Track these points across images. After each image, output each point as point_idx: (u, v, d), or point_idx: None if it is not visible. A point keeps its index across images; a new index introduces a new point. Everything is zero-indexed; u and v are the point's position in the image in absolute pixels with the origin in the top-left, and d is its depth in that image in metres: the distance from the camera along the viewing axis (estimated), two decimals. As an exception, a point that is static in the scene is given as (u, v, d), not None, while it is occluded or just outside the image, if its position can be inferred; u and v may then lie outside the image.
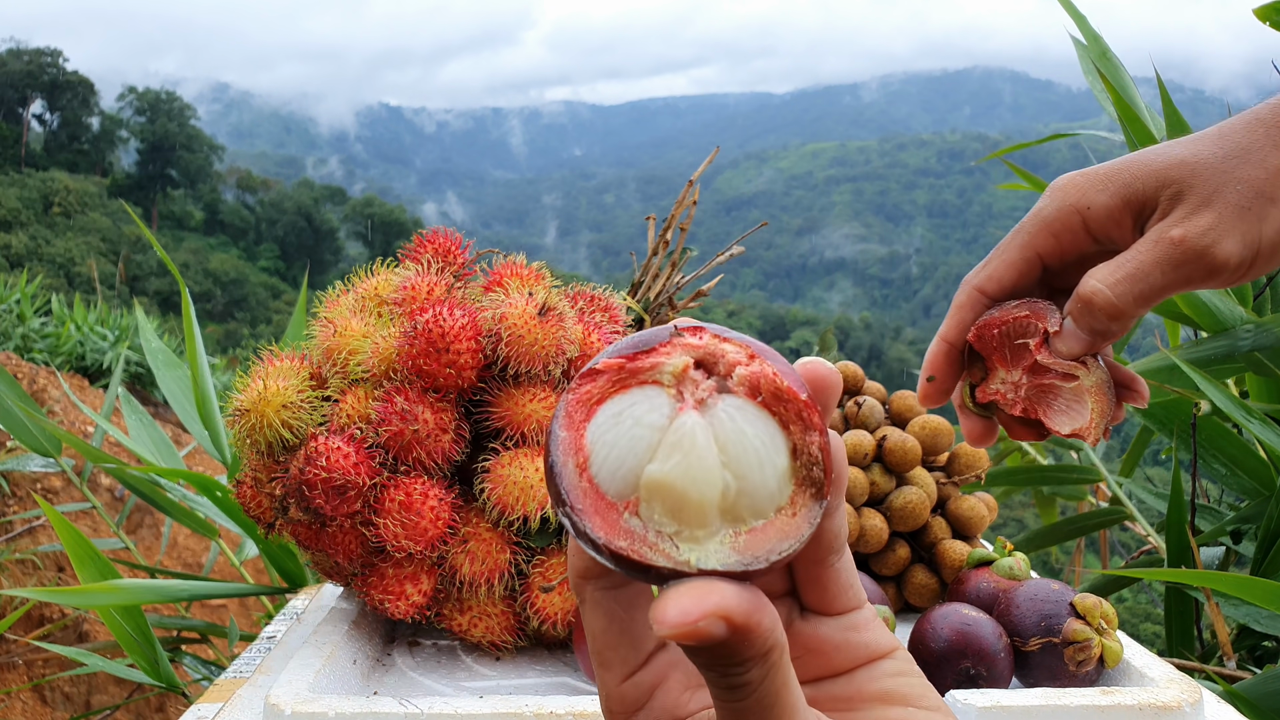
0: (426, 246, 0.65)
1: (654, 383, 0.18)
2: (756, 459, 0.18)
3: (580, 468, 0.18)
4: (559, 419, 0.18)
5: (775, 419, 0.18)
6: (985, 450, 0.67)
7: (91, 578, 0.73)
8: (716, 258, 0.80)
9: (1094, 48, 1.02)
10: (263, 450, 0.57)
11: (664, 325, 0.19)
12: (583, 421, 0.18)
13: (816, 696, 0.22)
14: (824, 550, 0.21)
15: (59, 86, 35.02)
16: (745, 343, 0.19)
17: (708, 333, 0.19)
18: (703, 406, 0.18)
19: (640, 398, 0.18)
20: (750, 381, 0.18)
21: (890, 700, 0.21)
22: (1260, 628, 0.72)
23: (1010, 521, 3.79)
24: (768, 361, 0.19)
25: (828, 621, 0.21)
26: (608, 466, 0.18)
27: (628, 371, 0.18)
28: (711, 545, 0.18)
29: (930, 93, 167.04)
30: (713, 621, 0.17)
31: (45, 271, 6.77)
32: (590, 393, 0.18)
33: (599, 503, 0.18)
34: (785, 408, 0.18)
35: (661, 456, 0.18)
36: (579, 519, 0.18)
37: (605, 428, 0.18)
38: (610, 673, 0.20)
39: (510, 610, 0.59)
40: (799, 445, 0.18)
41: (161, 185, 37.07)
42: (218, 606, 1.45)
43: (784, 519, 0.18)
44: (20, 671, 1.10)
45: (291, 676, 0.50)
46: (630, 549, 0.17)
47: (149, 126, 35.86)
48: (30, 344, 2.63)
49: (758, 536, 0.18)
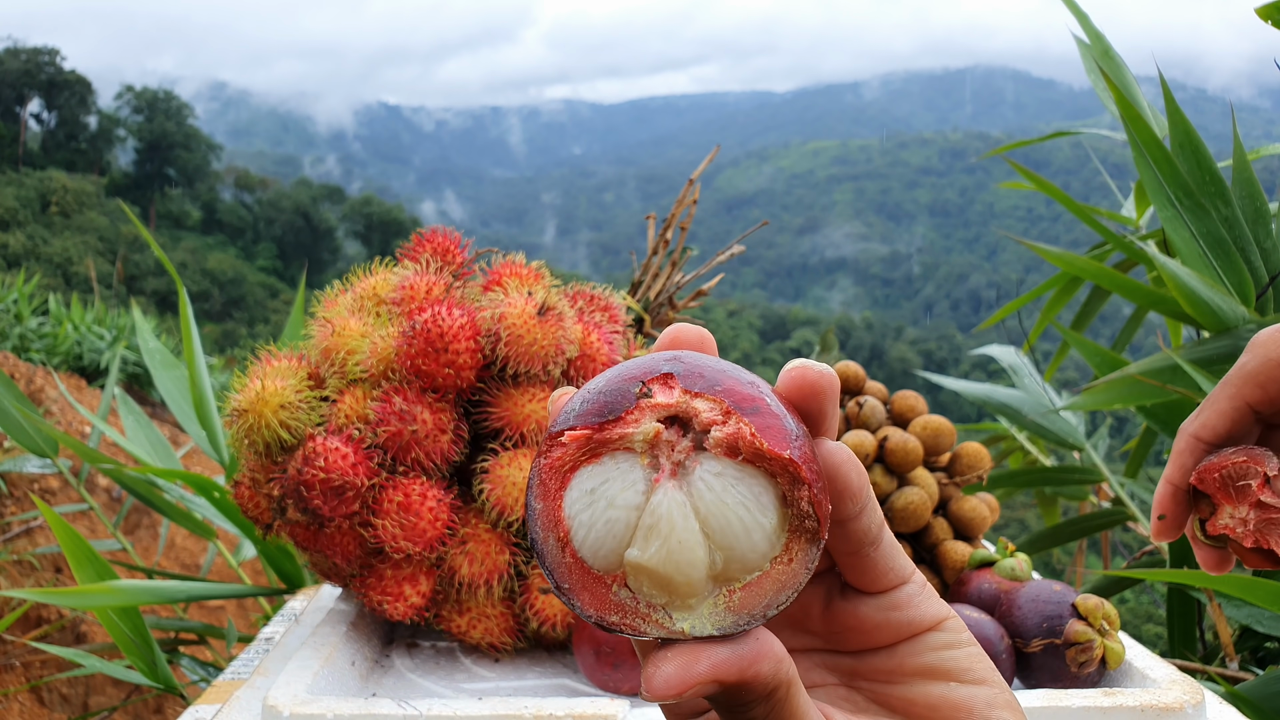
0: (425, 246, 0.65)
1: (626, 449, 0.18)
2: (742, 527, 0.17)
3: (562, 542, 0.18)
4: (533, 489, 0.18)
5: (760, 471, 0.18)
6: (987, 451, 0.67)
7: (89, 579, 0.73)
8: (717, 257, 0.79)
9: (1096, 46, 1.01)
10: (260, 451, 0.57)
11: (630, 376, 0.18)
12: (558, 491, 0.18)
13: (858, 667, 0.21)
14: (856, 544, 0.20)
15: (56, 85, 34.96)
16: (719, 393, 0.18)
17: (678, 385, 0.18)
18: (680, 472, 0.17)
19: (613, 472, 0.18)
20: (728, 444, 0.17)
21: (933, 675, 0.20)
22: (1262, 629, 0.71)
23: (1012, 522, 3.79)
24: (745, 419, 0.17)
25: (868, 600, 0.21)
26: (589, 544, 0.17)
27: (596, 441, 0.18)
28: (704, 609, 0.17)
29: (932, 91, 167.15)
30: (702, 689, 0.17)
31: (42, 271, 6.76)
32: (562, 459, 0.18)
33: (586, 578, 0.17)
34: (768, 464, 0.18)
35: (640, 542, 0.17)
36: (569, 598, 0.17)
37: (581, 504, 0.18)
38: None
39: (509, 612, 0.59)
40: (789, 495, 0.18)
41: (159, 184, 37.04)
42: (215, 608, 1.45)
43: (780, 568, 0.18)
44: (18, 673, 1.09)
45: (290, 678, 0.50)
46: (623, 623, 0.17)
47: (146, 125, 35.83)
48: (27, 344, 2.63)
49: (753, 592, 0.18)
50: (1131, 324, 1.18)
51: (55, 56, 37.24)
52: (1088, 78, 1.01)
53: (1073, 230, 29.64)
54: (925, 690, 0.20)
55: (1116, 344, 1.16)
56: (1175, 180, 0.82)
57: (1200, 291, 0.79)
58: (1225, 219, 0.83)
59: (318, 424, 0.56)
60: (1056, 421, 1.08)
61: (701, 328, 0.20)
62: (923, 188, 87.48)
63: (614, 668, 0.54)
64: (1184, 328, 1.08)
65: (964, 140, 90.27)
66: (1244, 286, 0.82)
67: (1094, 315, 1.18)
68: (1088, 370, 1.08)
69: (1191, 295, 0.79)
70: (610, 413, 0.18)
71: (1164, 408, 0.90)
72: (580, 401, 0.18)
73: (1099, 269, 0.97)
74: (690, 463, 0.18)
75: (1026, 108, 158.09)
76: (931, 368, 26.79)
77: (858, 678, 0.21)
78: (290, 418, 0.56)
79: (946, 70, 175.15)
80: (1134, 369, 0.82)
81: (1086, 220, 1.08)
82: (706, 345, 0.20)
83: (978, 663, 0.21)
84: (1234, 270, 0.83)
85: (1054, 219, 56.89)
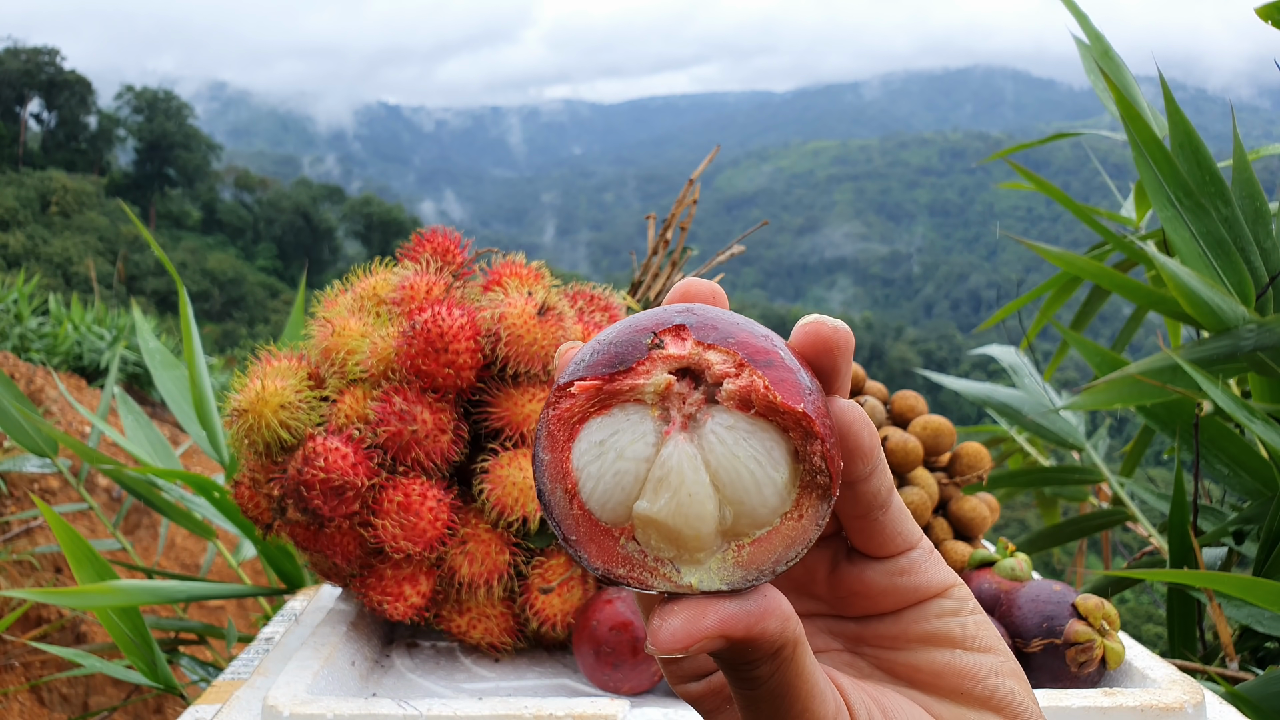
0: (425, 246, 0.64)
1: (636, 401, 0.17)
2: (753, 481, 0.17)
3: (569, 494, 0.17)
4: (541, 440, 0.17)
5: (773, 425, 0.17)
6: (987, 451, 0.67)
7: (89, 579, 0.73)
8: (717, 257, 0.79)
9: (1096, 46, 1.01)
10: (260, 451, 0.57)
11: (641, 326, 0.18)
12: (566, 442, 0.17)
13: (863, 633, 0.21)
14: (863, 508, 0.20)
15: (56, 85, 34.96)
16: (733, 345, 0.17)
17: (690, 337, 0.17)
18: (691, 425, 0.17)
19: (623, 424, 0.17)
20: (740, 396, 0.17)
21: (938, 642, 0.20)
22: (1263, 629, 0.71)
23: (1012, 522, 3.79)
24: (758, 372, 0.17)
25: (874, 565, 0.21)
26: (597, 496, 0.17)
27: (607, 393, 0.17)
28: (713, 564, 0.17)
29: (932, 91, 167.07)
30: (709, 644, 0.17)
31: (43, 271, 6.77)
32: (570, 410, 0.17)
33: (593, 530, 0.17)
34: (781, 418, 0.17)
35: (649, 494, 0.17)
36: (575, 550, 0.17)
37: (590, 456, 0.17)
38: None
39: (509, 612, 0.59)
40: (801, 450, 0.17)
41: (159, 184, 37.05)
42: (215, 608, 1.45)
43: (790, 524, 0.18)
44: (18, 673, 1.09)
45: (289, 678, 0.50)
46: (629, 576, 0.17)
47: (146, 125, 35.83)
48: (28, 344, 2.62)
49: (762, 547, 0.17)
50: (1131, 324, 1.18)
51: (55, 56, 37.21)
52: (1088, 78, 1.01)
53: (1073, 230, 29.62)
54: (930, 657, 0.20)
55: (1116, 344, 1.16)
56: (1175, 180, 0.82)
57: (1200, 291, 0.79)
58: (1225, 219, 0.83)
59: (318, 424, 0.56)
60: (1056, 421, 1.08)
61: (714, 283, 0.20)
62: (923, 187, 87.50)
63: (614, 668, 0.54)
64: (1184, 328, 1.08)
65: (964, 140, 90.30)
66: (1244, 286, 0.82)
67: (1094, 315, 1.18)
68: (1088, 370, 1.08)
69: (1191, 295, 0.79)
70: (621, 364, 0.17)
71: (1164, 408, 0.90)
72: (590, 352, 0.18)
73: (1099, 269, 0.97)
74: (702, 415, 0.17)
75: (1026, 108, 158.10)
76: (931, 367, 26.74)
77: (862, 644, 0.21)
78: (290, 418, 0.56)
79: (946, 70, 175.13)
80: (1134, 369, 0.82)
81: (1086, 220, 1.08)
82: (719, 299, 0.19)
83: (984, 630, 0.20)
84: (1234, 270, 0.83)
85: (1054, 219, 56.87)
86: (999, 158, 1.16)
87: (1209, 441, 0.81)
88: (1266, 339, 0.78)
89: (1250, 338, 0.78)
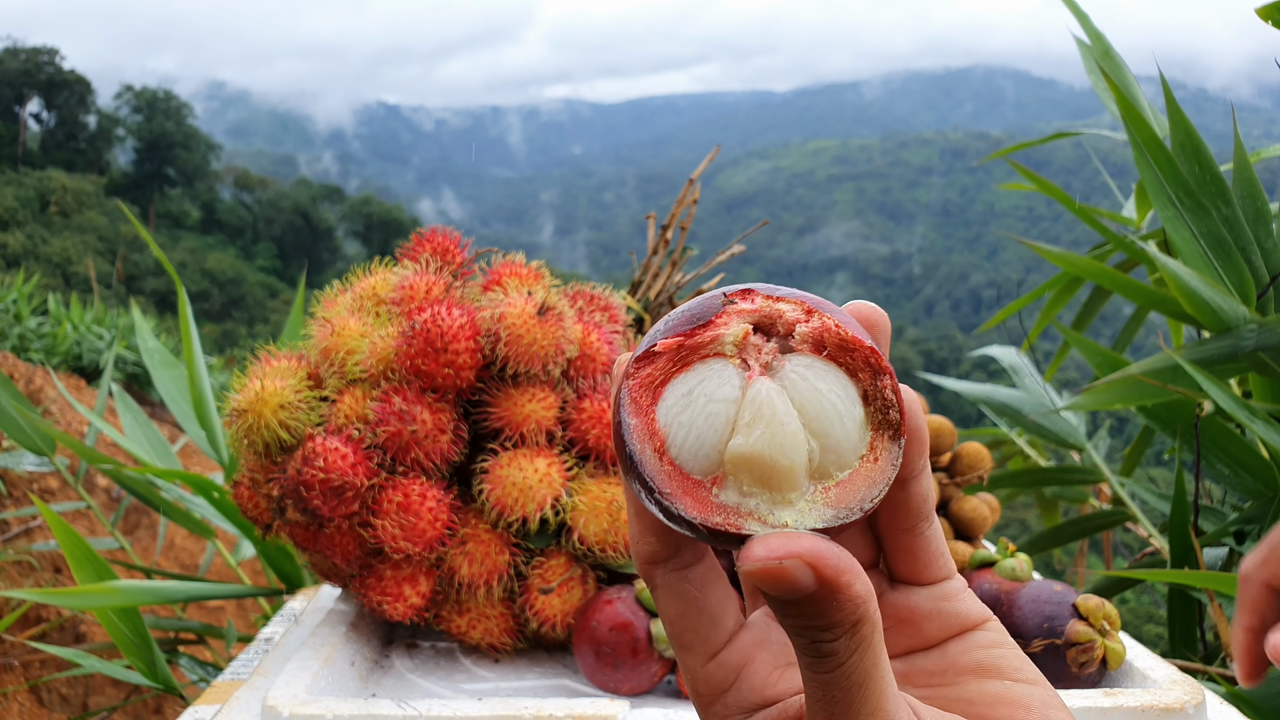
0: (425, 245, 0.64)
1: (716, 355, 0.18)
2: (835, 414, 0.18)
3: (659, 452, 0.18)
4: (625, 407, 0.18)
5: (844, 369, 0.18)
6: (988, 451, 0.67)
7: (88, 579, 0.72)
8: (717, 256, 0.79)
9: (1096, 46, 1.01)
10: (260, 451, 0.57)
11: (712, 294, 0.19)
12: (650, 405, 0.18)
13: (908, 671, 0.21)
14: (913, 517, 0.20)
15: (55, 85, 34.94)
16: (799, 298, 0.19)
17: (758, 293, 0.19)
18: (770, 371, 0.18)
19: (707, 373, 0.18)
20: (814, 337, 0.18)
21: (986, 673, 0.20)
22: (1263, 629, 0.71)
23: (1013, 523, 3.79)
24: (827, 314, 0.18)
25: (919, 591, 0.21)
26: (688, 446, 0.18)
27: (687, 349, 0.18)
28: (803, 505, 0.18)
29: (932, 91, 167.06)
30: (798, 565, 0.16)
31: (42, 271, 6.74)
32: (652, 375, 0.18)
33: (685, 483, 0.18)
34: (852, 357, 0.18)
35: (743, 430, 0.18)
36: (670, 503, 0.17)
37: (678, 409, 0.18)
38: (692, 655, 0.20)
39: (509, 612, 0.58)
40: (870, 391, 0.18)
41: (158, 184, 37.04)
42: (215, 608, 1.45)
43: (868, 466, 0.18)
44: (17, 672, 1.09)
45: (289, 678, 0.50)
46: (726, 523, 0.17)
47: (146, 125, 35.81)
48: (27, 343, 2.62)
49: (846, 488, 0.18)
50: (1132, 324, 1.18)
51: (54, 56, 37.18)
52: (1088, 78, 1.01)
53: (1073, 230, 29.66)
54: (981, 688, 0.20)
55: (1117, 344, 1.16)
56: (1176, 180, 0.82)
57: (1201, 291, 0.79)
58: (1226, 219, 0.83)
59: (317, 424, 0.56)
60: (1057, 422, 1.08)
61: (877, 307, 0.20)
62: (923, 187, 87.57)
63: (614, 668, 0.54)
64: (1185, 328, 1.08)
65: (964, 140, 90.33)
66: (1245, 286, 0.82)
67: (1094, 315, 1.17)
68: (1088, 370, 1.08)
69: (1192, 295, 0.79)
70: (698, 321, 0.18)
71: (1164, 408, 0.90)
72: (664, 322, 0.19)
73: (1100, 269, 0.97)
74: (778, 363, 0.18)
75: (1027, 107, 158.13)
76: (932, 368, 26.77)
77: (907, 682, 0.21)
78: (290, 418, 0.56)
79: (947, 70, 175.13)
80: (1135, 369, 0.82)
81: (1087, 220, 1.08)
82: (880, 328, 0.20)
83: (1027, 664, 0.20)
84: (1235, 270, 0.82)
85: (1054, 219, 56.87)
86: (999, 157, 1.16)
87: (1210, 442, 0.81)
88: (1267, 339, 0.78)
89: (1251, 338, 0.78)
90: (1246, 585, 0.31)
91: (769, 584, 0.17)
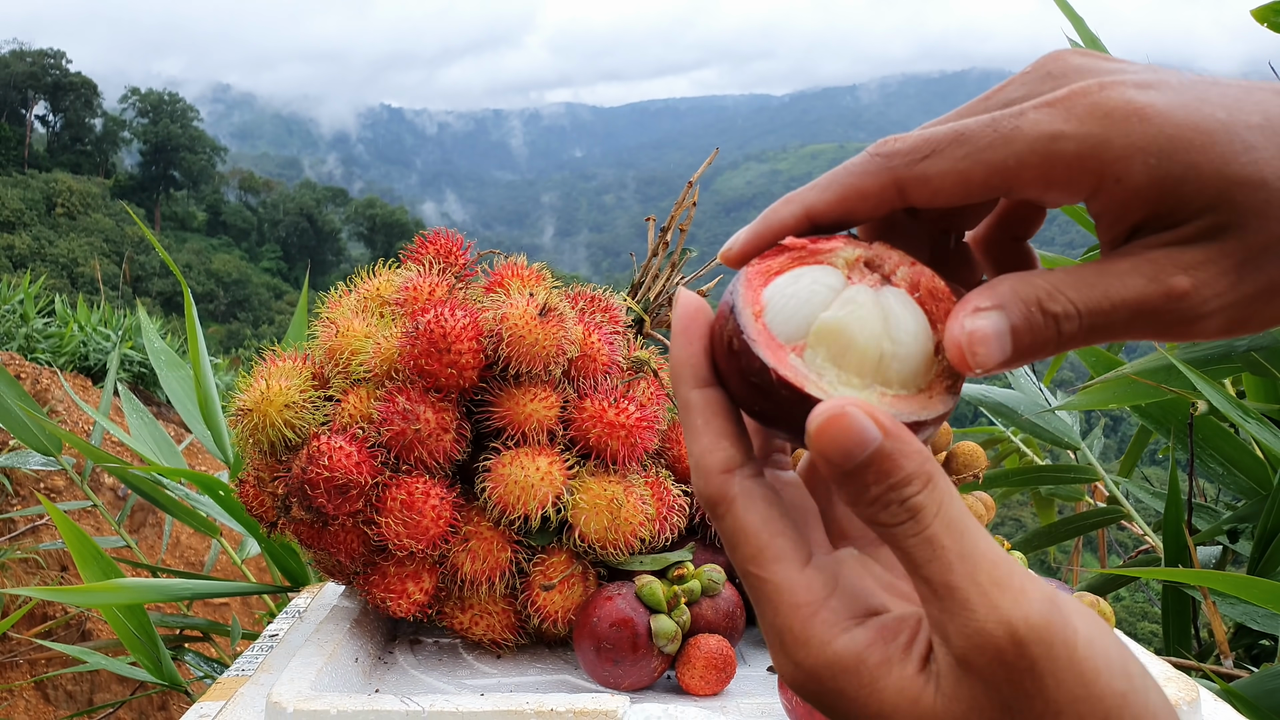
0: (428, 248, 0.65)
1: (830, 264, 0.21)
2: (911, 334, 0.20)
3: (756, 315, 0.20)
4: (740, 281, 0.21)
5: (927, 315, 0.20)
6: (983, 450, 0.68)
7: (94, 576, 0.73)
8: (716, 258, 0.80)
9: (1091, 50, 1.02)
10: (265, 450, 0.58)
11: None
12: (760, 286, 0.21)
13: None
14: None
15: (62, 88, 35.10)
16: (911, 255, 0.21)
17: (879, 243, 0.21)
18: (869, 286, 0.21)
19: (818, 271, 0.21)
20: (911, 279, 0.21)
21: None
22: (1257, 626, 0.72)
23: (1008, 521, 3.79)
24: (927, 270, 0.21)
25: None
26: (782, 315, 0.20)
27: (809, 251, 0.21)
28: (865, 393, 0.19)
29: (928, 94, 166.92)
30: (859, 415, 0.17)
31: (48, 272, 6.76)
32: (770, 266, 0.21)
33: (770, 340, 0.20)
34: (937, 307, 0.20)
35: (835, 306, 0.20)
36: (752, 345, 0.19)
37: (784, 285, 0.20)
38: (784, 564, 0.18)
39: (511, 608, 0.59)
40: (939, 347, 0.20)
41: (164, 186, 37.14)
42: (220, 605, 1.46)
43: (923, 398, 0.20)
44: (23, 669, 1.10)
45: (293, 675, 0.50)
46: (794, 377, 0.19)
47: (152, 128, 35.93)
48: (34, 344, 2.64)
49: (901, 402, 0.19)
50: (1129, 325, 1.18)
51: (61, 59, 37.36)
52: (1084, 81, 1.01)
53: (1068, 232, 29.61)
54: None
55: (1112, 345, 1.17)
56: (1171, 183, 0.82)
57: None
58: (1220, 221, 0.83)
59: (322, 423, 0.57)
60: (1052, 420, 1.08)
61: None
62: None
63: (614, 664, 0.54)
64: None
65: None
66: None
67: (1092, 316, 1.17)
68: (1082, 370, 1.08)
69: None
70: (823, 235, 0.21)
71: (1159, 407, 0.90)
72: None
73: (1096, 270, 0.97)
74: (876, 286, 0.21)
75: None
76: (933, 369, 26.47)
77: None
78: (295, 417, 0.57)
79: (943, 73, 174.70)
80: (1129, 369, 0.82)
81: (1082, 222, 1.08)
82: None
83: None
84: (1229, 272, 0.83)
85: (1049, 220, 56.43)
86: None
87: (1204, 441, 0.82)
88: (1261, 339, 0.78)
89: (1245, 338, 0.79)
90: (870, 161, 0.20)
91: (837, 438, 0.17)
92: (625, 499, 0.56)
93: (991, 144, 0.18)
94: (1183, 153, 0.17)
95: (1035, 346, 0.19)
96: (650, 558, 0.59)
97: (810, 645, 0.18)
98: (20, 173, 30.64)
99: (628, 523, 0.56)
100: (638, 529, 0.57)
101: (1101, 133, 0.18)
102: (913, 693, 0.17)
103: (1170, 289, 0.18)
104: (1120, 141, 0.17)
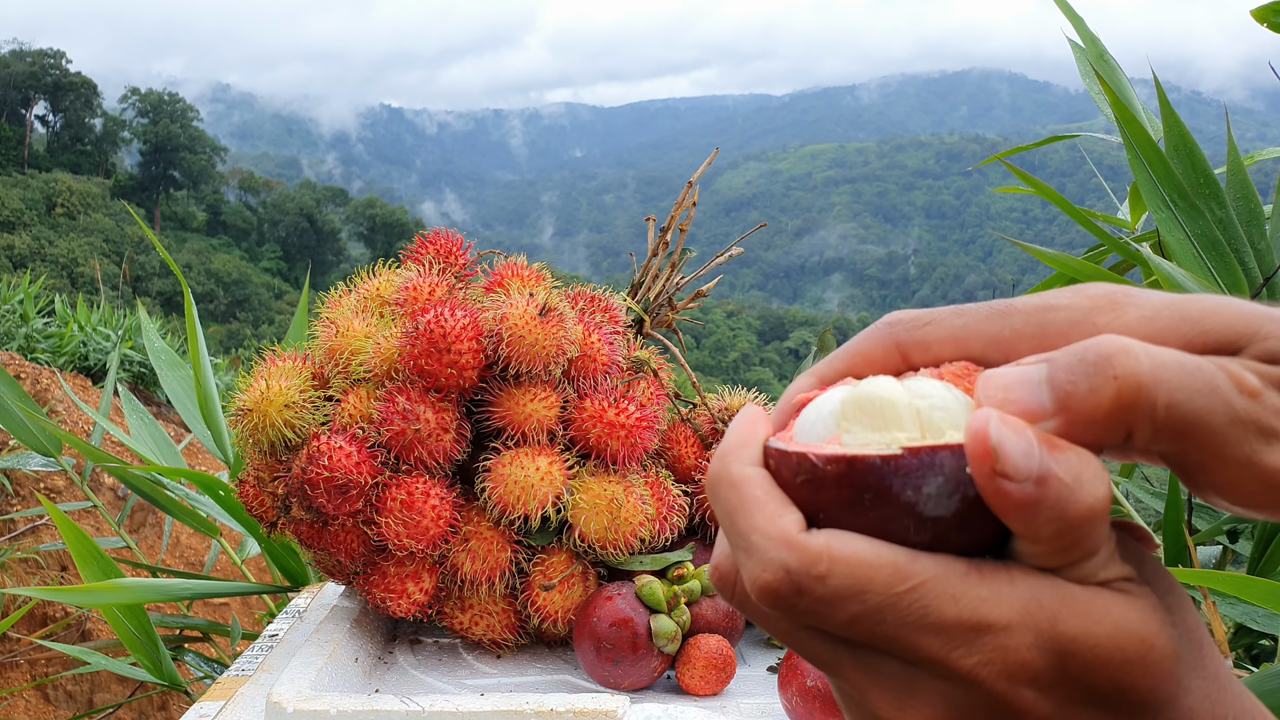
0: (428, 248, 0.65)
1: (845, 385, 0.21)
2: (938, 392, 0.19)
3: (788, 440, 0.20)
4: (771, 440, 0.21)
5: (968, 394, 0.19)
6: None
7: (94, 577, 0.73)
8: (716, 258, 0.80)
9: (1091, 49, 1.02)
10: (265, 450, 0.58)
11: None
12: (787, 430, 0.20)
13: None
14: None
15: (62, 88, 35.07)
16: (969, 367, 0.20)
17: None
18: None
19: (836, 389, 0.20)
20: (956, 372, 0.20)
21: None
22: (1257, 626, 0.72)
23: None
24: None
25: None
26: (808, 425, 0.20)
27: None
28: (917, 434, 0.18)
29: (928, 94, 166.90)
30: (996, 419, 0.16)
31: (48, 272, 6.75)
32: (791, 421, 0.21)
33: (805, 445, 0.19)
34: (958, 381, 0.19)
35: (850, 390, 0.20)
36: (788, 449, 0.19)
37: (805, 412, 0.20)
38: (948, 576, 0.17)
39: (511, 608, 0.59)
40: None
41: (164, 186, 37.12)
42: (220, 605, 1.45)
43: None
44: (23, 670, 1.10)
45: (294, 674, 0.50)
46: (840, 454, 0.18)
47: (151, 128, 35.91)
48: (33, 344, 2.64)
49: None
50: (1129, 325, 1.18)
51: (61, 59, 37.34)
52: (1083, 81, 1.02)
53: (1068, 232, 29.55)
54: None
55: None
56: (1170, 182, 0.83)
57: (1195, 293, 0.80)
58: (1220, 220, 0.84)
59: (322, 423, 0.57)
60: (1054, 422, 1.08)
61: None
62: (919, 190, 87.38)
63: (614, 664, 0.54)
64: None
65: (960, 143, 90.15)
66: (1238, 287, 0.83)
67: (1092, 317, 1.17)
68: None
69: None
70: None
71: (1160, 408, 0.90)
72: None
73: (1095, 271, 0.98)
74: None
75: (1022, 110, 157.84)
76: (933, 370, 26.45)
77: None
78: (295, 417, 0.57)
79: (943, 73, 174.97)
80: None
81: (1082, 222, 1.08)
82: None
83: None
84: (1228, 271, 0.83)
85: (1049, 221, 56.66)
86: (995, 160, 1.16)
87: (1204, 442, 0.82)
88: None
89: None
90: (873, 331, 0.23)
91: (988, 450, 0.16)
92: (625, 499, 0.56)
93: (989, 317, 0.20)
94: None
95: None
96: (650, 558, 0.59)
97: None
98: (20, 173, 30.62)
99: (628, 523, 0.56)
100: (638, 529, 0.57)
101: (1090, 304, 0.19)
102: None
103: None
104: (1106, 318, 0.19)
